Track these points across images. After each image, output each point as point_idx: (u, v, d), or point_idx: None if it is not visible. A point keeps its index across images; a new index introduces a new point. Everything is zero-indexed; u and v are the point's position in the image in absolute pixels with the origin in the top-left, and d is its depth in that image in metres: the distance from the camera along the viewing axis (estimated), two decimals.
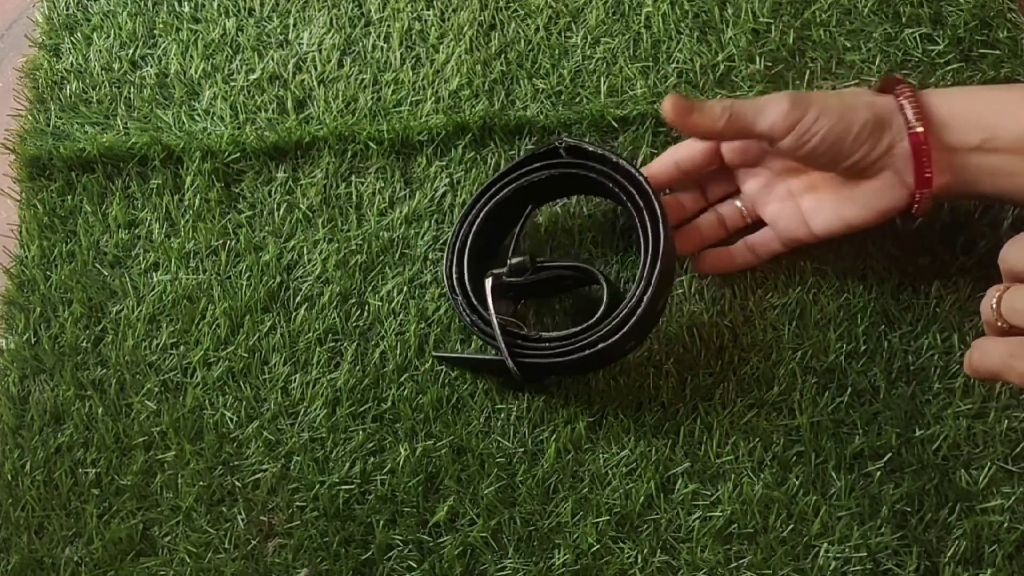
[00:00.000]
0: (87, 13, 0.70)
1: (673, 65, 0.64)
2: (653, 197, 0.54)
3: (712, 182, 0.59)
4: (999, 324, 0.41)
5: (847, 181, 0.52)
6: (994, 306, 0.41)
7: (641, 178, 0.55)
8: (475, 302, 0.56)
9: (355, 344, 0.60)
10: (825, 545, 0.54)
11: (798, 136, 0.49)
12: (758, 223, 0.58)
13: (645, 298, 0.52)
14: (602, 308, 0.55)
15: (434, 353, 0.59)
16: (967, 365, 0.43)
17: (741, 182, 0.57)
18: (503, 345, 0.54)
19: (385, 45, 0.67)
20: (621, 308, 0.53)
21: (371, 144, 0.63)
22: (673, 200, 0.59)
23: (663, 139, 0.62)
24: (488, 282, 0.55)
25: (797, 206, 0.54)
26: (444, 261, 0.59)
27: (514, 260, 0.56)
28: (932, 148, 0.49)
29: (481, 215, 0.58)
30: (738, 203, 0.58)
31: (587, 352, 0.53)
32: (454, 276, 0.57)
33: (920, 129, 0.48)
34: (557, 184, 0.59)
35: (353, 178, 0.64)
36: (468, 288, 0.57)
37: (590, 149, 0.57)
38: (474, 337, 0.60)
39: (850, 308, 0.58)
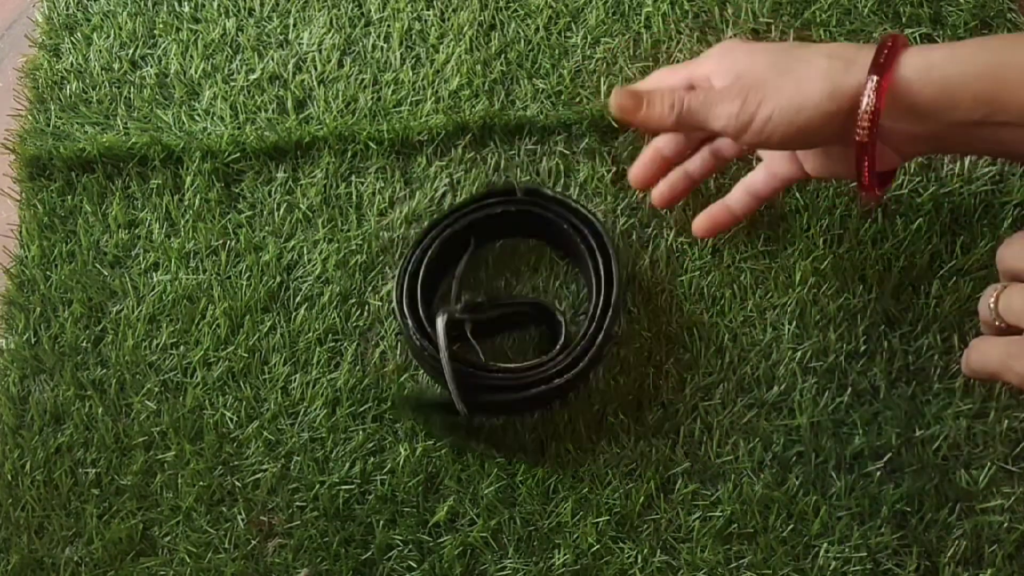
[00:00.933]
0: (87, 13, 0.70)
1: None
2: (607, 241, 0.56)
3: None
4: (997, 324, 0.41)
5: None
6: (992, 306, 0.41)
7: (597, 222, 0.57)
8: (427, 329, 0.56)
9: (355, 344, 0.60)
10: (825, 545, 0.54)
11: (752, 137, 0.46)
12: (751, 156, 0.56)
13: (598, 338, 0.55)
14: (561, 341, 0.56)
15: (394, 397, 0.58)
16: (964, 365, 0.43)
17: None
18: (451, 374, 0.52)
19: (385, 45, 0.67)
20: (573, 346, 0.55)
21: (371, 144, 0.63)
22: (657, 155, 0.56)
23: None
24: (440, 320, 0.54)
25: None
26: (395, 286, 0.58)
27: (468, 296, 0.56)
28: (886, 141, 0.45)
29: (435, 244, 0.57)
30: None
31: (542, 388, 0.54)
32: (405, 302, 0.56)
33: (863, 139, 0.43)
34: (510, 222, 0.59)
35: (353, 178, 0.64)
36: (421, 316, 0.56)
37: (549, 193, 0.58)
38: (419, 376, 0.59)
39: (850, 308, 0.58)
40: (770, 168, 0.54)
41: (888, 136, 0.44)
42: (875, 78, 0.42)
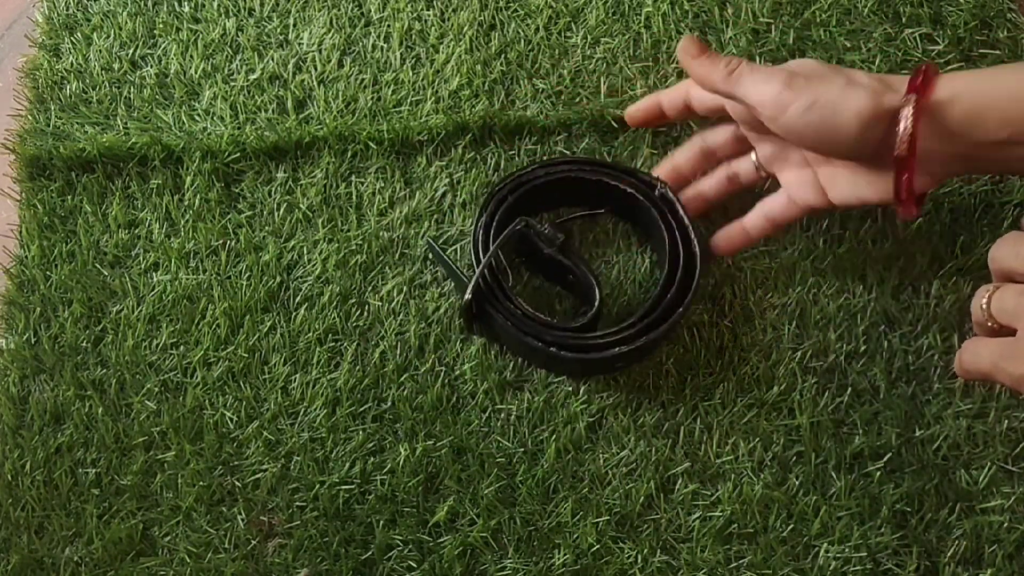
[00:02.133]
0: (87, 13, 0.70)
1: (673, 65, 0.64)
2: (696, 244, 0.56)
3: (723, 139, 0.58)
4: (989, 324, 0.41)
5: (857, 166, 0.51)
6: (984, 306, 0.41)
7: (689, 224, 0.56)
8: (492, 230, 0.57)
9: (355, 344, 0.60)
10: (825, 545, 0.54)
11: (787, 122, 0.48)
12: (774, 182, 0.56)
13: (613, 351, 0.54)
14: (581, 322, 0.56)
15: (429, 238, 0.61)
16: (957, 366, 0.43)
17: (755, 143, 0.56)
18: (485, 265, 0.55)
19: (385, 45, 0.67)
20: (590, 337, 0.55)
21: (371, 144, 0.63)
22: (674, 171, 0.59)
23: (663, 139, 0.62)
24: (516, 225, 0.56)
25: (814, 174, 0.53)
26: (499, 185, 0.59)
27: (552, 228, 0.57)
28: (919, 164, 0.47)
29: (550, 176, 0.59)
30: (753, 158, 0.56)
31: (538, 344, 0.54)
32: (497, 197, 0.58)
33: (903, 153, 0.46)
34: (603, 193, 0.59)
35: (353, 178, 0.64)
36: (496, 217, 0.57)
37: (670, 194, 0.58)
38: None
39: (850, 308, 0.58)
40: (791, 194, 0.54)
41: (922, 158, 0.47)
42: (914, 96, 0.45)
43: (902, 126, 0.45)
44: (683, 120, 0.60)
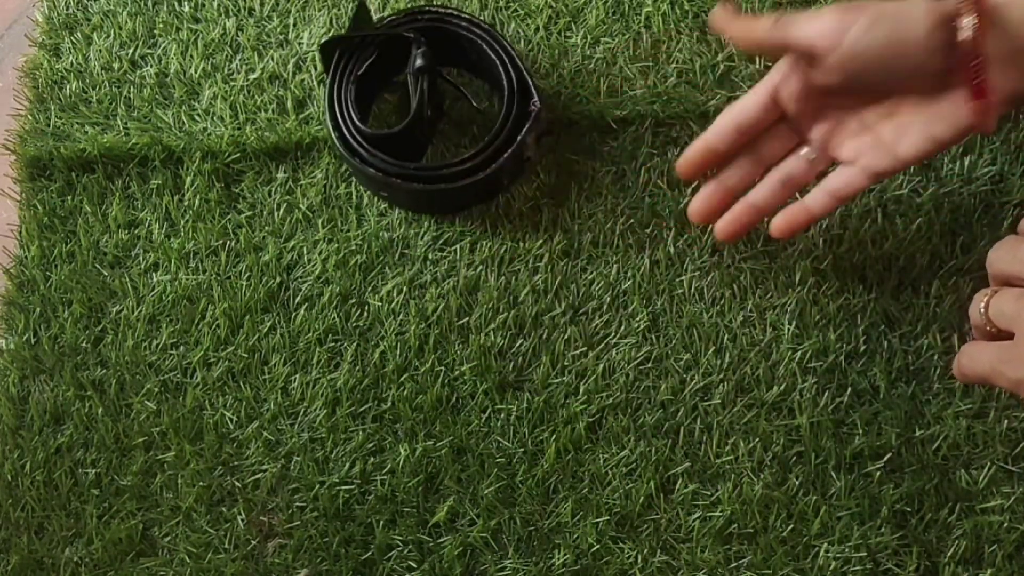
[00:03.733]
0: (87, 13, 0.70)
1: (673, 65, 0.64)
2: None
3: (769, 140, 0.52)
4: (988, 328, 0.41)
5: (925, 98, 0.46)
6: (982, 310, 0.41)
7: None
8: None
9: (355, 344, 0.60)
10: (825, 545, 0.54)
11: (846, 52, 0.45)
12: (827, 173, 0.52)
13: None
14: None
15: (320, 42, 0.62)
16: (956, 370, 0.43)
17: (806, 130, 0.51)
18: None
19: None
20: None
21: None
22: (720, 187, 0.53)
23: (663, 139, 0.62)
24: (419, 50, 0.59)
25: (878, 136, 0.48)
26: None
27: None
28: (991, 55, 0.43)
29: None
30: (804, 152, 0.52)
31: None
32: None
33: (968, 35, 0.42)
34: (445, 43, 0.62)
35: (353, 178, 0.64)
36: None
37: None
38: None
39: (850, 308, 0.58)
40: (859, 164, 0.50)
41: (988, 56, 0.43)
42: None
43: (966, 20, 0.42)
44: (738, 150, 0.53)
